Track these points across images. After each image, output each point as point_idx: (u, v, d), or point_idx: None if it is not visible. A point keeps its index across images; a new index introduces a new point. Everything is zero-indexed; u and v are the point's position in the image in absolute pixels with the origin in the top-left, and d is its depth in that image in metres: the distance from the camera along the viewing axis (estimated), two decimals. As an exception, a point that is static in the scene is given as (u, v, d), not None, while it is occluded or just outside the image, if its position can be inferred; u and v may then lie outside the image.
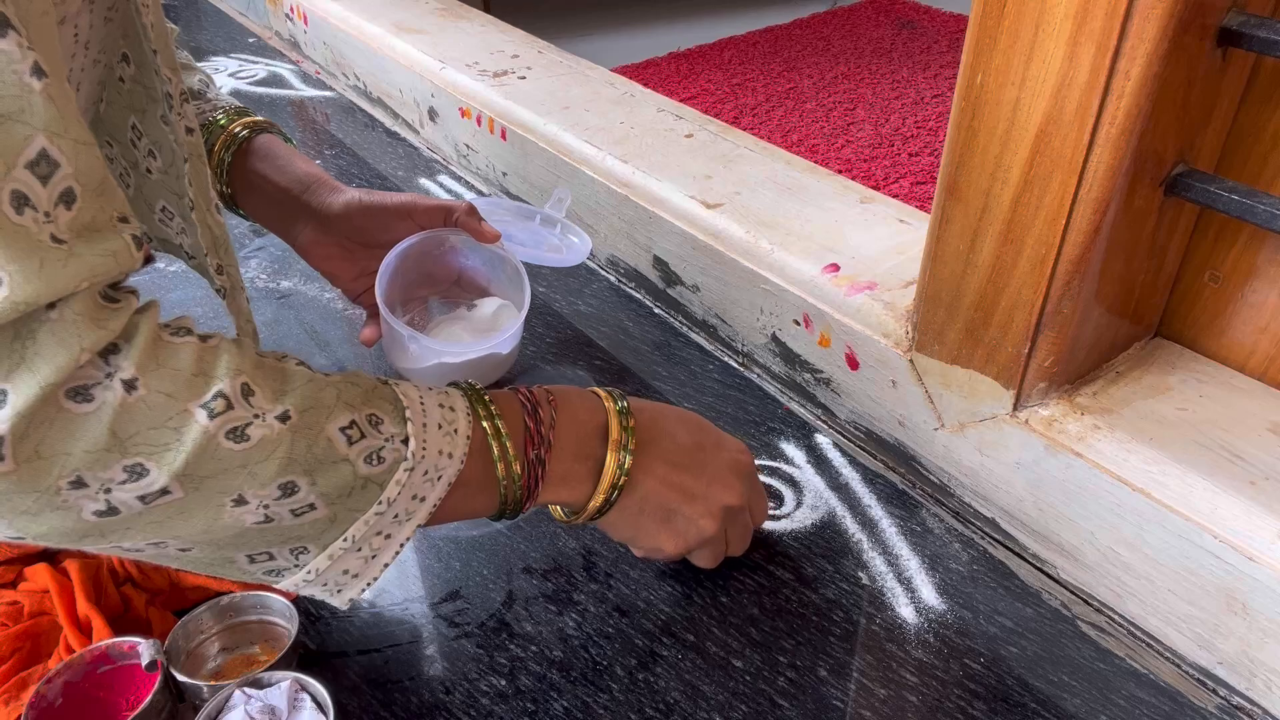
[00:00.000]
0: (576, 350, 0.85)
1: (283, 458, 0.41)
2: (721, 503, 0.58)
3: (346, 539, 0.45)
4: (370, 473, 0.44)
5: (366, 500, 0.44)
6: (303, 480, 0.42)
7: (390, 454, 0.45)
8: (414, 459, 0.45)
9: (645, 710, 0.55)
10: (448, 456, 0.47)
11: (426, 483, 0.46)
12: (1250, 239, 0.59)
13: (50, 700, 0.50)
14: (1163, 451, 0.56)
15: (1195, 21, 0.48)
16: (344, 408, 0.44)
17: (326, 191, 0.73)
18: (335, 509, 0.44)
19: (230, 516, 0.41)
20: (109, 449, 0.37)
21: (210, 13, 1.71)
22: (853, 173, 1.75)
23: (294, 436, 0.42)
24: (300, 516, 0.43)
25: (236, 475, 0.40)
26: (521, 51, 1.21)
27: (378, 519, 0.45)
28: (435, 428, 0.47)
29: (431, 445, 0.46)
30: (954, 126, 0.57)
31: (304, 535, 0.44)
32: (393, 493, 0.45)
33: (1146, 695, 0.56)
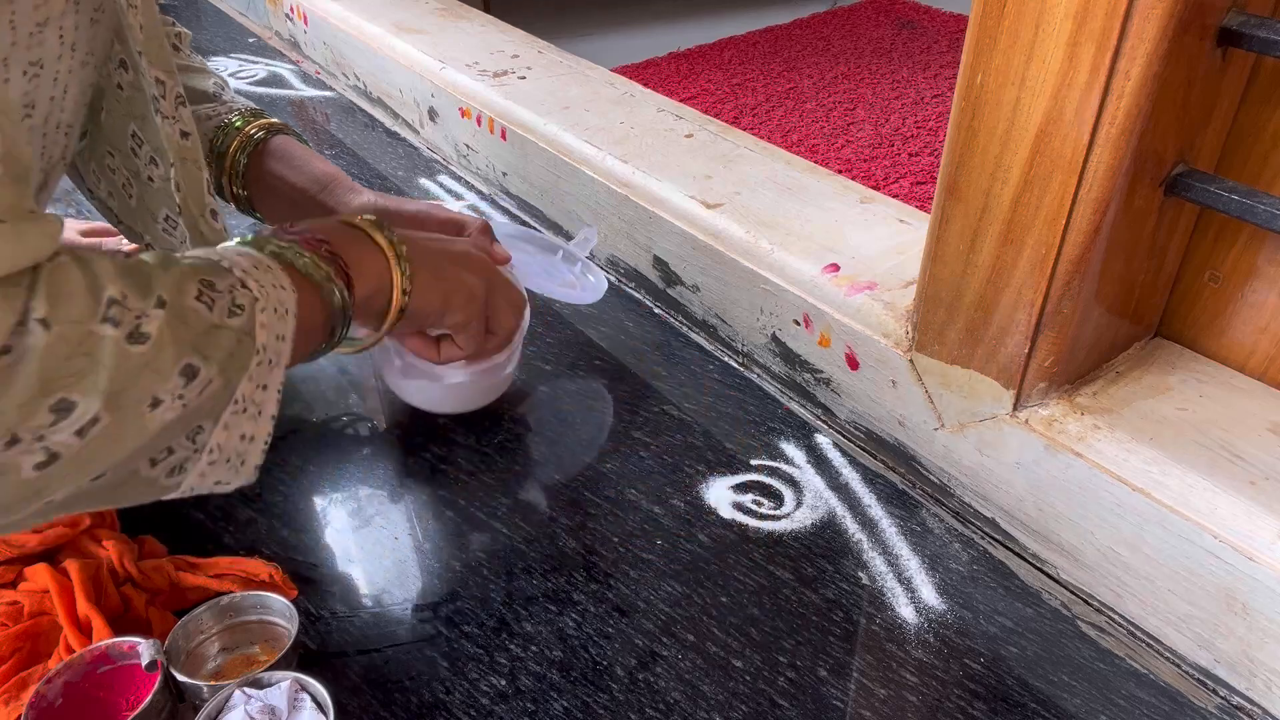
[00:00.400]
0: (576, 350, 0.85)
1: (175, 343, 0.41)
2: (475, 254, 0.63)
3: (235, 400, 0.45)
4: (238, 325, 0.44)
5: (245, 354, 0.45)
6: (196, 358, 0.42)
7: (244, 299, 0.45)
8: (262, 297, 0.46)
9: (645, 710, 0.55)
10: (280, 288, 0.47)
11: (279, 318, 0.47)
12: (1250, 239, 0.59)
13: (50, 700, 0.50)
14: (1163, 451, 0.56)
15: (1195, 21, 0.48)
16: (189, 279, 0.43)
17: (343, 191, 0.73)
18: (228, 374, 0.44)
19: (151, 423, 0.40)
20: (39, 394, 0.36)
21: (210, 13, 1.71)
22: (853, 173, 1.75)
23: (172, 320, 0.41)
24: (203, 394, 0.43)
25: (146, 377, 0.40)
26: (521, 51, 1.21)
27: (258, 370, 0.45)
28: (253, 268, 0.47)
29: (265, 281, 0.47)
30: (954, 126, 0.57)
31: (201, 412, 0.43)
32: (262, 337, 0.45)
33: (1146, 695, 0.56)
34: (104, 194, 0.66)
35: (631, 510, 0.68)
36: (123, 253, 0.44)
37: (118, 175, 0.62)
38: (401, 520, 0.67)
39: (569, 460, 0.73)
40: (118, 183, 0.63)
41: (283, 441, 0.74)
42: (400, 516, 0.68)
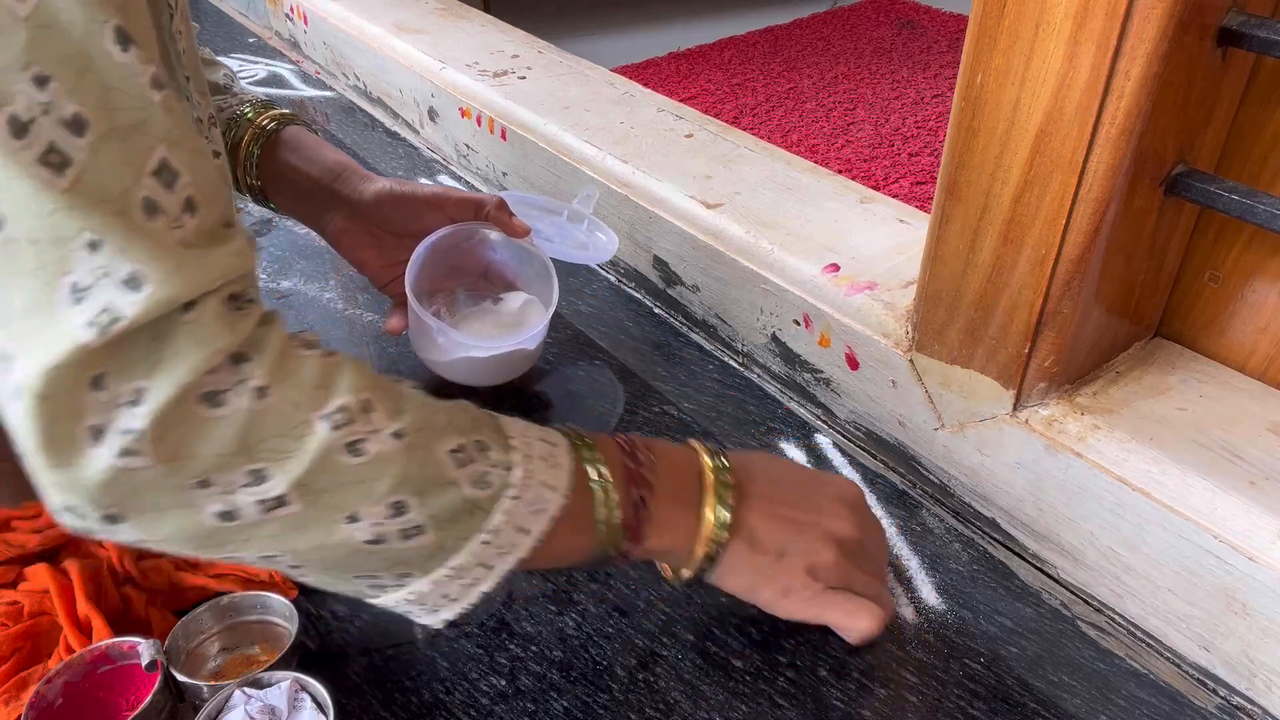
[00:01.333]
0: (576, 350, 0.85)
1: (396, 475, 0.41)
2: (834, 531, 0.54)
3: (450, 567, 0.44)
4: (477, 497, 0.44)
5: (472, 526, 0.44)
6: (413, 500, 0.42)
7: (497, 480, 0.44)
8: (520, 487, 0.45)
9: (645, 710, 0.55)
10: (551, 489, 0.46)
11: (530, 514, 0.45)
12: (1250, 239, 0.59)
13: (50, 700, 0.50)
14: (1163, 451, 0.56)
15: (1195, 21, 0.48)
16: (454, 431, 0.44)
17: (358, 179, 0.73)
18: (442, 534, 0.43)
19: (342, 534, 0.41)
20: (236, 453, 0.38)
21: (210, 13, 1.72)
22: (853, 173, 1.75)
23: (408, 454, 0.42)
24: (408, 540, 0.42)
25: (351, 490, 0.40)
26: (521, 51, 1.21)
27: (482, 548, 0.44)
28: (539, 459, 0.46)
29: (535, 475, 0.46)
30: (954, 126, 0.57)
31: (409, 560, 0.43)
32: (498, 521, 0.44)
33: (1146, 695, 0.56)
34: None
35: (631, 510, 0.68)
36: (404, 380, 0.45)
37: None
38: (401, 520, 0.67)
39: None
40: None
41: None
42: (400, 516, 0.68)
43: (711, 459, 0.53)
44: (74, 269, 0.34)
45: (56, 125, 0.34)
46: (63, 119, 0.34)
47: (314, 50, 1.46)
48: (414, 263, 0.71)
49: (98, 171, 0.35)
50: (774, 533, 0.53)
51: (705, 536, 0.52)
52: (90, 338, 0.35)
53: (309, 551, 0.41)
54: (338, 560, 0.42)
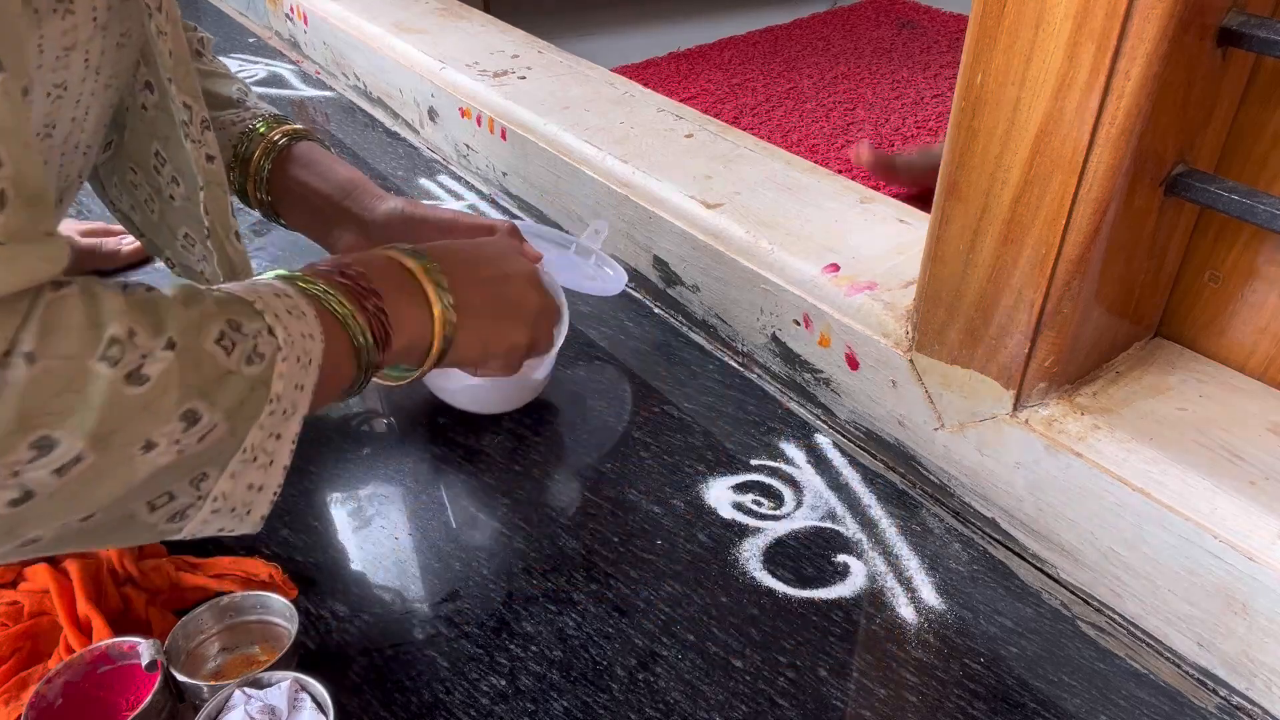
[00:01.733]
0: (576, 350, 0.85)
1: (179, 386, 0.39)
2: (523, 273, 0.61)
3: (244, 449, 0.43)
4: (255, 373, 0.43)
5: (257, 403, 0.43)
6: (201, 404, 0.40)
7: (266, 347, 0.43)
8: (286, 346, 0.44)
9: (645, 710, 0.55)
10: (309, 337, 0.46)
11: (301, 368, 0.45)
12: (1250, 239, 0.59)
13: (50, 700, 0.50)
14: (1163, 451, 0.56)
15: (1195, 21, 0.48)
16: (211, 321, 0.42)
17: (369, 197, 0.72)
18: (233, 421, 0.42)
19: (143, 465, 0.39)
20: (15, 431, 0.35)
21: (210, 13, 1.72)
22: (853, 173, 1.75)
23: (182, 362, 0.40)
24: (204, 440, 0.41)
25: (141, 419, 0.38)
26: (521, 51, 1.21)
27: (270, 419, 0.44)
28: (286, 314, 0.46)
29: (293, 329, 0.45)
30: (954, 126, 0.57)
31: (203, 460, 0.42)
32: (278, 387, 0.44)
33: (1146, 695, 0.56)
34: (126, 207, 0.66)
35: (631, 510, 0.68)
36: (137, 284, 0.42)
37: (140, 191, 0.63)
38: (401, 520, 0.67)
39: (569, 460, 0.73)
40: (140, 198, 0.64)
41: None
42: (400, 516, 0.68)
43: (411, 256, 0.55)
44: None
45: None
46: None
47: (314, 50, 1.46)
48: None
49: None
50: (488, 296, 0.59)
51: (439, 317, 0.55)
52: None
53: (110, 503, 0.39)
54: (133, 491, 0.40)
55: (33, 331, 0.35)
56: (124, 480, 0.39)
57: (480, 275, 0.59)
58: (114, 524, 0.41)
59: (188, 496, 0.43)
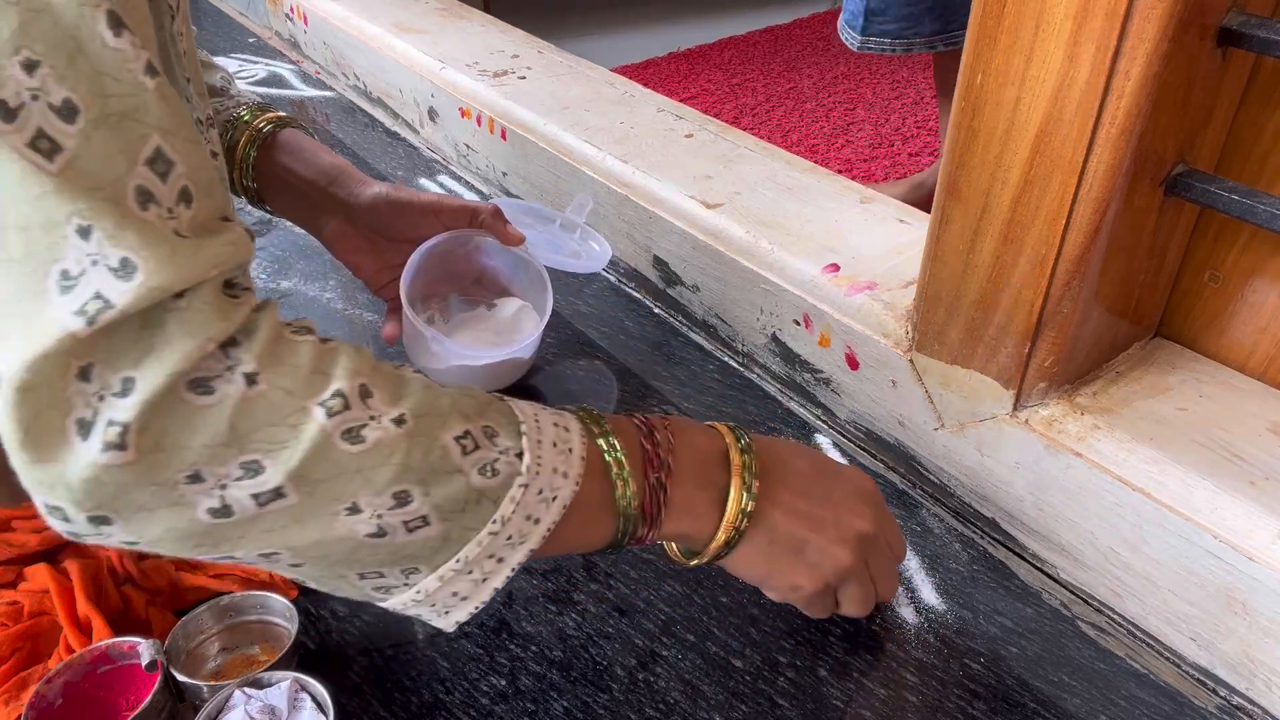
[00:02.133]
0: (576, 350, 0.85)
1: (398, 463, 0.39)
2: (854, 529, 0.53)
3: (458, 560, 0.42)
4: (484, 486, 0.42)
5: (480, 518, 0.42)
6: (416, 489, 0.40)
7: (505, 468, 0.43)
8: (529, 474, 0.43)
9: (645, 710, 0.55)
10: (563, 475, 0.44)
11: (541, 502, 0.44)
12: (1250, 239, 0.59)
13: (50, 700, 0.50)
14: (1163, 451, 0.56)
15: (1195, 21, 0.48)
16: (459, 417, 0.42)
17: (354, 183, 0.73)
18: (448, 525, 0.41)
19: (343, 526, 0.39)
20: (227, 444, 0.36)
21: (210, 13, 1.72)
22: (853, 173, 1.75)
23: (410, 442, 0.40)
24: (413, 532, 0.41)
25: (351, 480, 0.39)
26: (521, 51, 1.21)
27: (490, 539, 0.42)
28: (550, 445, 0.44)
29: (546, 462, 0.44)
30: (954, 126, 0.57)
31: (415, 554, 0.42)
32: (507, 510, 0.42)
33: (1146, 695, 0.56)
34: None
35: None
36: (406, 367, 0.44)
37: None
38: (401, 520, 0.67)
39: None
40: None
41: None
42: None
43: (737, 441, 0.51)
44: (63, 256, 0.34)
45: (46, 110, 0.33)
46: (52, 104, 0.33)
47: (314, 50, 1.46)
48: (409, 270, 0.71)
49: (89, 158, 0.34)
50: (793, 526, 0.52)
51: (729, 523, 0.49)
52: (79, 326, 0.34)
53: (308, 547, 0.39)
54: (339, 556, 0.41)
55: (256, 354, 0.37)
56: (322, 533, 0.39)
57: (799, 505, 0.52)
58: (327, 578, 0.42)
59: (395, 580, 0.43)
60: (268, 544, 0.39)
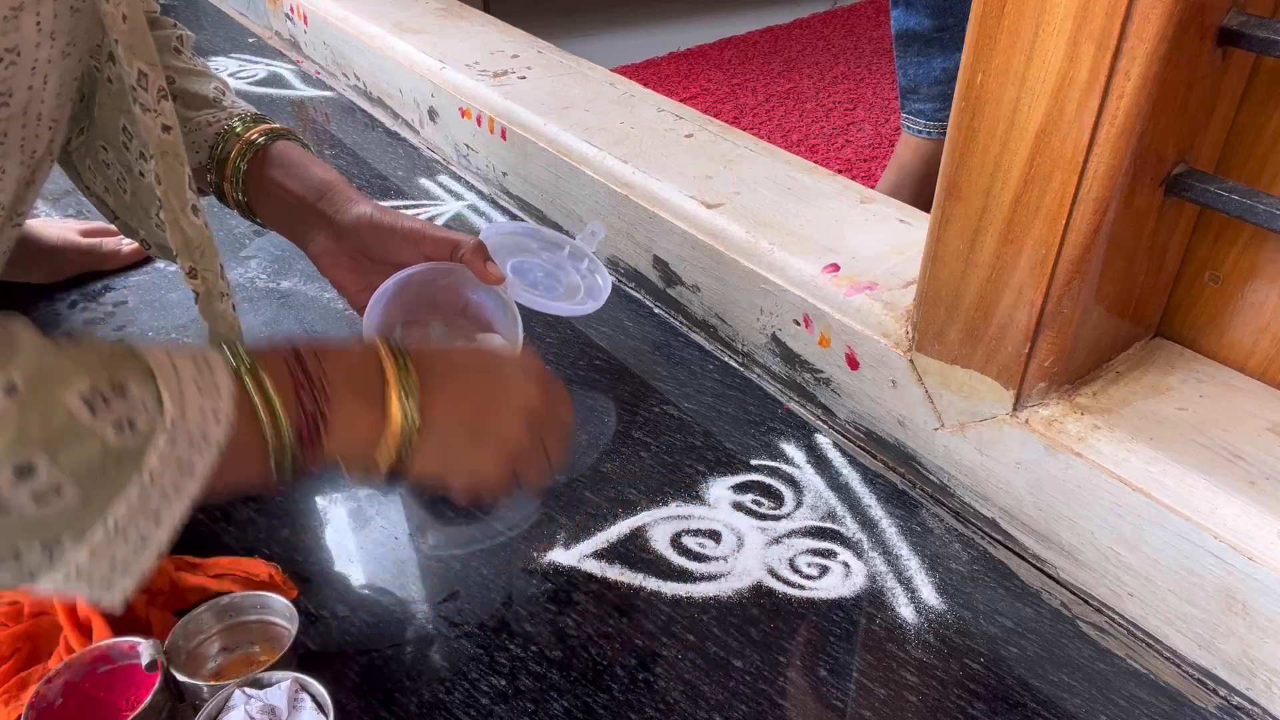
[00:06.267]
0: (576, 350, 0.85)
1: (11, 434, 0.36)
2: (522, 406, 0.54)
3: (108, 525, 0.40)
4: (123, 444, 0.39)
5: (122, 476, 0.39)
6: (41, 459, 0.37)
7: (143, 420, 0.40)
8: (172, 424, 0.40)
9: (645, 710, 0.55)
10: (213, 418, 0.42)
11: (192, 449, 0.41)
12: (1250, 239, 0.59)
13: (50, 700, 0.50)
14: (1163, 451, 0.56)
15: (1195, 21, 0.48)
16: (81, 373, 0.39)
17: (341, 200, 0.72)
18: (87, 490, 0.38)
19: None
20: None
21: (210, 13, 1.72)
22: (853, 173, 1.75)
23: (21, 410, 0.37)
24: (44, 505, 0.38)
25: None
26: (521, 51, 1.21)
27: (141, 498, 0.40)
28: (193, 388, 0.42)
29: (192, 406, 0.41)
30: (954, 126, 0.57)
31: (53, 525, 0.39)
32: (153, 464, 0.40)
33: (1146, 695, 0.56)
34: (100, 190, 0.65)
35: (632, 509, 0.68)
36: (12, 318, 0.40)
37: (112, 170, 0.62)
38: (401, 520, 0.67)
39: (569, 460, 0.73)
40: (112, 178, 0.63)
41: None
42: (400, 516, 0.68)
43: (391, 353, 0.50)
44: None
45: None
46: None
47: (314, 50, 1.46)
48: (376, 300, 0.69)
49: None
50: (463, 415, 0.52)
51: (394, 433, 0.49)
52: None
53: None
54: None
55: None
56: None
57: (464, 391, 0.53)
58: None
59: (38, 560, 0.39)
60: None
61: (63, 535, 0.39)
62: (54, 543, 0.39)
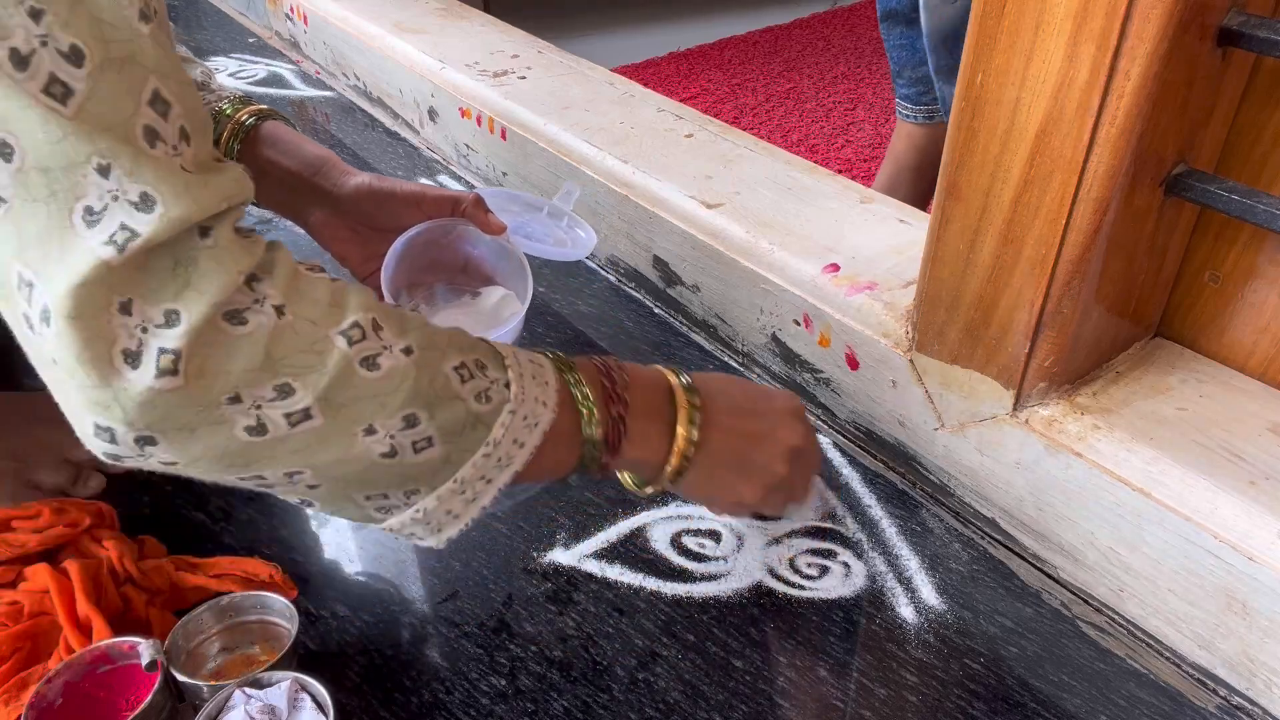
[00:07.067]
0: (576, 350, 0.85)
1: (408, 389, 0.43)
2: (787, 444, 0.58)
3: (456, 480, 0.47)
4: (480, 411, 0.46)
5: (476, 440, 0.46)
6: (423, 413, 0.44)
7: (496, 395, 0.47)
8: (516, 401, 0.47)
9: (645, 710, 0.55)
10: (542, 405, 0.49)
11: (525, 428, 0.48)
12: (1250, 239, 0.59)
13: (50, 700, 0.50)
14: (1163, 451, 0.56)
15: (1195, 21, 0.48)
16: (455, 350, 0.46)
17: (338, 173, 0.74)
18: (449, 448, 0.46)
19: (360, 446, 0.43)
20: (263, 368, 0.40)
21: (210, 13, 1.72)
22: (853, 173, 1.75)
23: (417, 370, 0.44)
24: (419, 453, 0.45)
25: (368, 403, 0.42)
26: (521, 51, 1.21)
27: (484, 460, 0.47)
28: (530, 378, 0.49)
29: (529, 392, 0.48)
30: (954, 126, 0.57)
31: (418, 475, 0.46)
32: (498, 433, 0.47)
33: (1146, 695, 0.56)
34: None
35: (631, 510, 0.68)
36: None
37: None
38: (401, 520, 0.67)
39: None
40: None
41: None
42: (400, 516, 0.68)
43: (679, 379, 0.56)
44: (86, 193, 0.36)
45: (56, 56, 0.35)
46: (61, 50, 0.35)
47: (314, 50, 1.46)
48: (389, 260, 0.72)
49: (99, 100, 0.36)
50: (736, 446, 0.57)
51: (679, 450, 0.54)
52: (110, 254, 0.36)
53: (329, 465, 0.43)
54: (354, 475, 0.44)
55: (280, 288, 0.41)
56: (343, 452, 0.43)
57: (739, 426, 0.57)
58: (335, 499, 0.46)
59: (397, 501, 0.47)
60: (294, 463, 0.42)
61: (421, 485, 0.46)
62: (413, 490, 0.46)
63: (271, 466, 0.42)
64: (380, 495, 0.46)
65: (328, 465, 0.43)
